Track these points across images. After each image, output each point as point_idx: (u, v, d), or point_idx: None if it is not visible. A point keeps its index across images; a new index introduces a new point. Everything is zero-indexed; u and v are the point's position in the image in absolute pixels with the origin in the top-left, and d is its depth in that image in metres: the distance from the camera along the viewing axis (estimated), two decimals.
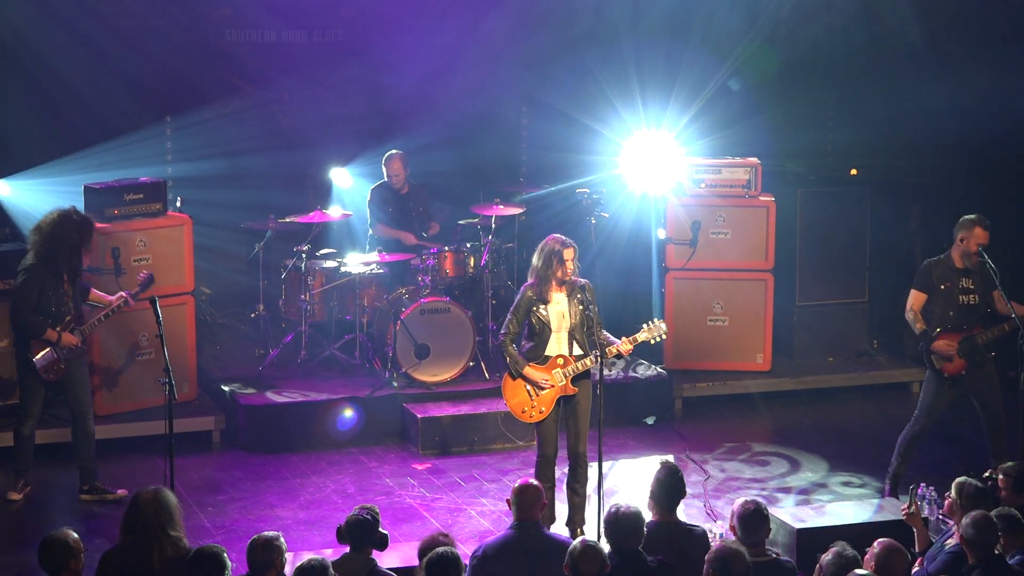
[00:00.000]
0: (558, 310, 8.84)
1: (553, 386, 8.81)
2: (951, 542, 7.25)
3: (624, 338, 8.88)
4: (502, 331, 8.96)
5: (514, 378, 8.90)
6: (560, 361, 8.83)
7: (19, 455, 9.85)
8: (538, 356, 8.86)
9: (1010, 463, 7.85)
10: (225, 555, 6.41)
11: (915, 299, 9.64)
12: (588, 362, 8.80)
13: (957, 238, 9.57)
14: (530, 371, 8.82)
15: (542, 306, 8.82)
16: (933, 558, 7.25)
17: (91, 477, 9.84)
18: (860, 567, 6.47)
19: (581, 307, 8.81)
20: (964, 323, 9.53)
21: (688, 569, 6.93)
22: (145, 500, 6.82)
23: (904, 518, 7.76)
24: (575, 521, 8.94)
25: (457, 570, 6.34)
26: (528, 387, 8.86)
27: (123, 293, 9.87)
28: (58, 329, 9.50)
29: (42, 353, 9.52)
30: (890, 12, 13.21)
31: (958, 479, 7.42)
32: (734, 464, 10.67)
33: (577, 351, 8.86)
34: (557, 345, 8.86)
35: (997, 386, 9.66)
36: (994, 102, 12.64)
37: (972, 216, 9.57)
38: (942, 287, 9.56)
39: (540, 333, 8.84)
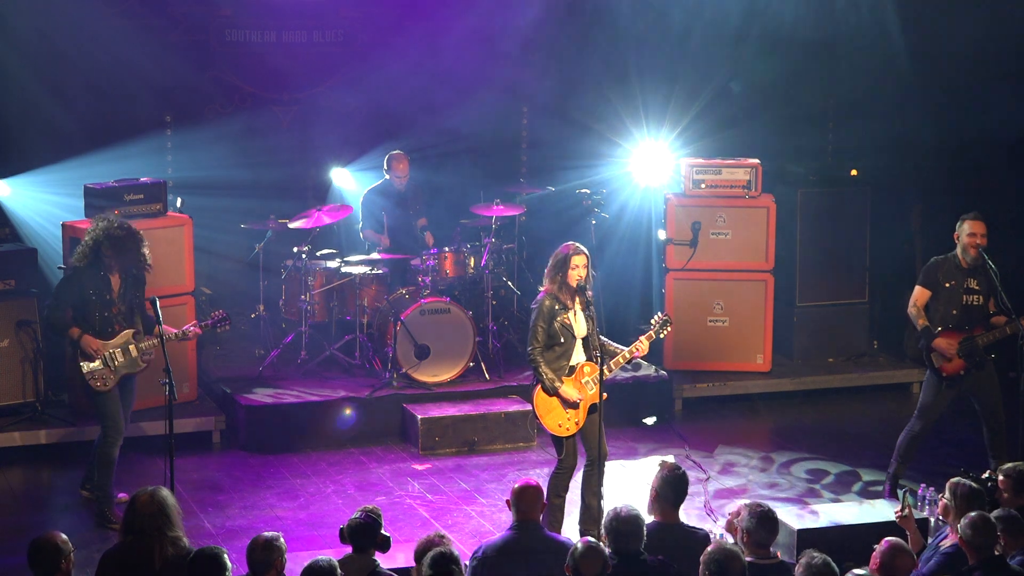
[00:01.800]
0: (577, 317, 8.77)
1: (583, 399, 8.73)
2: (945, 543, 7.24)
3: (642, 337, 8.80)
4: (529, 345, 8.76)
5: (549, 394, 8.73)
6: (587, 369, 8.73)
7: (106, 477, 9.42)
8: (563, 367, 8.74)
9: (1010, 464, 7.84)
10: (226, 556, 6.42)
11: (919, 295, 9.65)
12: (613, 366, 8.75)
13: (955, 236, 9.62)
14: (565, 390, 8.67)
15: (565, 314, 8.72)
16: (928, 560, 7.24)
17: (100, 502, 9.53)
18: (832, 569, 6.44)
19: (588, 314, 8.78)
20: (966, 323, 9.54)
21: (690, 572, 6.93)
22: (144, 501, 6.82)
23: (897, 520, 7.75)
24: (597, 523, 8.78)
25: (458, 565, 6.33)
26: (561, 401, 8.75)
27: (192, 326, 9.59)
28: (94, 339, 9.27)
29: (88, 361, 9.27)
30: (890, 13, 13.22)
31: (951, 479, 7.41)
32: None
33: (588, 356, 8.80)
34: (578, 353, 8.78)
35: (996, 387, 9.67)
36: (995, 102, 12.65)
37: (970, 214, 9.61)
38: (947, 285, 9.57)
39: (564, 342, 8.71)
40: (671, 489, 7.40)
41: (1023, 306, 9.65)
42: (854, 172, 12.88)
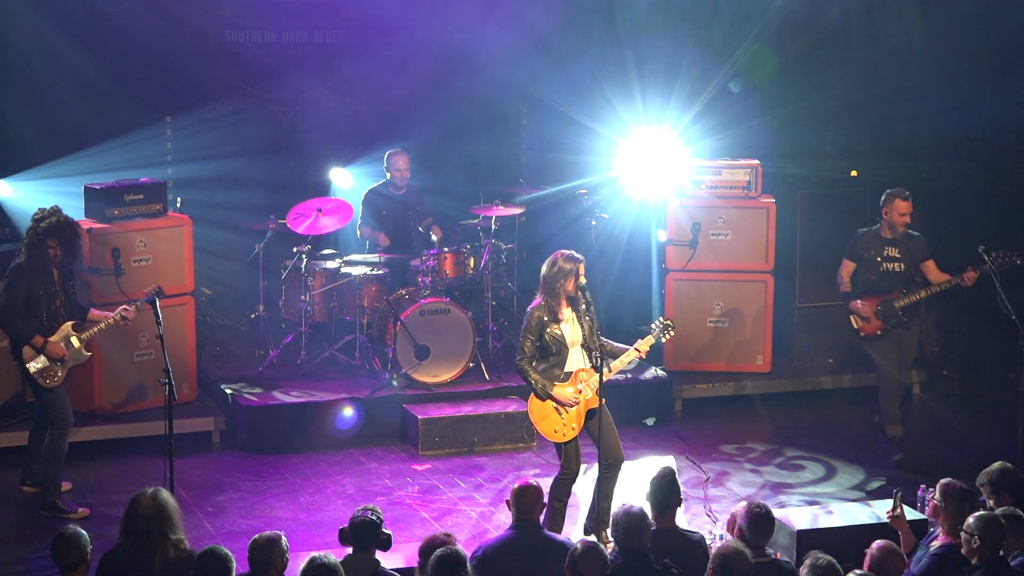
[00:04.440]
0: (570, 326, 8.74)
1: (578, 402, 8.76)
2: (935, 544, 7.26)
3: (639, 341, 8.83)
4: (517, 356, 8.75)
5: (542, 399, 8.74)
6: (583, 375, 8.75)
7: (56, 470, 9.48)
8: (557, 376, 8.73)
9: (986, 470, 7.82)
10: (233, 560, 6.43)
11: (844, 267, 10.76)
12: (612, 369, 8.76)
13: (882, 211, 10.59)
14: (558, 391, 8.68)
15: (555, 325, 8.69)
16: (919, 560, 7.25)
17: (51, 493, 9.56)
18: (837, 571, 6.46)
19: (587, 316, 8.77)
20: (885, 288, 10.54)
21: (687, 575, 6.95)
22: (144, 503, 6.81)
23: (888, 521, 7.76)
24: (604, 524, 8.71)
25: (464, 570, 6.32)
26: (556, 406, 8.73)
27: (126, 307, 9.60)
28: (46, 337, 9.33)
29: (34, 360, 9.37)
30: (890, 12, 13.22)
31: (941, 480, 7.43)
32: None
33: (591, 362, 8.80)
34: (574, 360, 8.76)
35: (913, 350, 10.83)
36: (995, 102, 12.65)
37: (893, 189, 10.61)
38: (867, 255, 10.62)
39: (558, 352, 8.69)
40: (658, 494, 7.43)
41: None
42: (854, 172, 12.87)
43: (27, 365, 9.37)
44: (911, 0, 13.14)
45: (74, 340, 9.47)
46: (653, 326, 8.98)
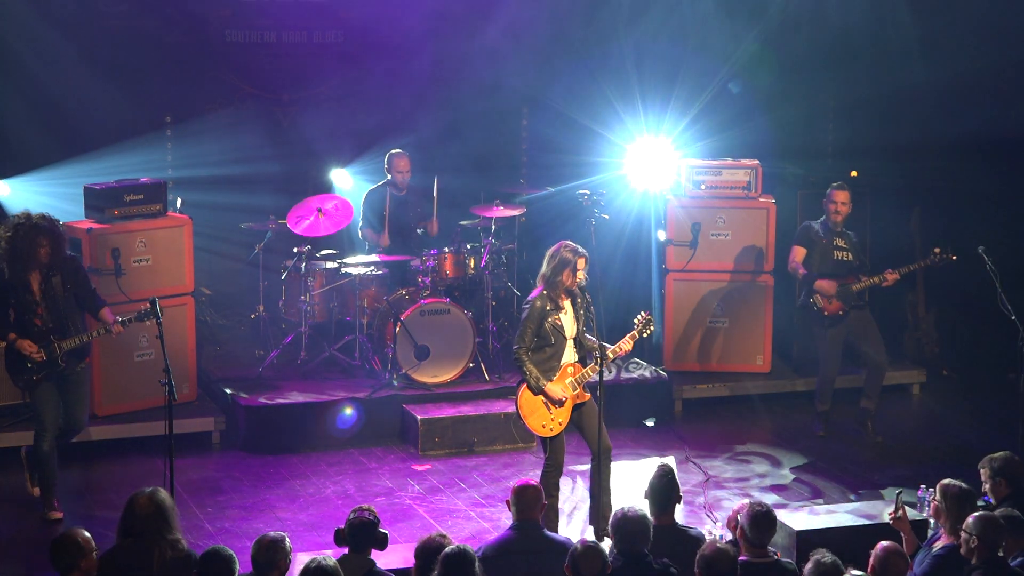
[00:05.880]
0: (569, 317, 8.78)
1: (567, 399, 8.76)
2: (938, 545, 7.27)
3: (626, 336, 8.86)
4: (516, 344, 8.76)
5: (534, 393, 8.77)
6: (570, 370, 8.77)
7: (44, 474, 9.42)
8: (555, 367, 8.76)
9: (999, 453, 7.86)
10: (236, 561, 6.43)
11: (796, 253, 11.17)
12: (596, 367, 8.76)
13: (823, 202, 11.09)
14: (551, 388, 8.71)
15: (556, 314, 8.72)
16: (921, 561, 7.25)
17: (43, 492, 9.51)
18: (842, 571, 6.47)
19: (583, 312, 8.79)
20: (839, 274, 10.97)
21: (685, 572, 6.94)
22: (142, 503, 6.81)
23: (891, 522, 7.76)
24: (606, 519, 8.76)
25: (473, 570, 6.31)
26: (545, 401, 8.76)
27: (115, 320, 9.28)
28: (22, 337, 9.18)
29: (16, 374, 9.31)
30: (890, 12, 13.23)
31: (942, 481, 7.45)
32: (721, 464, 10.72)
33: (579, 357, 8.83)
34: (567, 354, 8.78)
35: (876, 330, 11.09)
36: (995, 102, 12.66)
37: (836, 183, 11.12)
38: (820, 242, 11.08)
39: (555, 343, 8.73)
40: (659, 492, 7.44)
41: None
42: (854, 173, 12.88)
43: (12, 376, 9.33)
44: (913, 2, 13.15)
45: (49, 347, 9.21)
46: (635, 321, 9.01)
